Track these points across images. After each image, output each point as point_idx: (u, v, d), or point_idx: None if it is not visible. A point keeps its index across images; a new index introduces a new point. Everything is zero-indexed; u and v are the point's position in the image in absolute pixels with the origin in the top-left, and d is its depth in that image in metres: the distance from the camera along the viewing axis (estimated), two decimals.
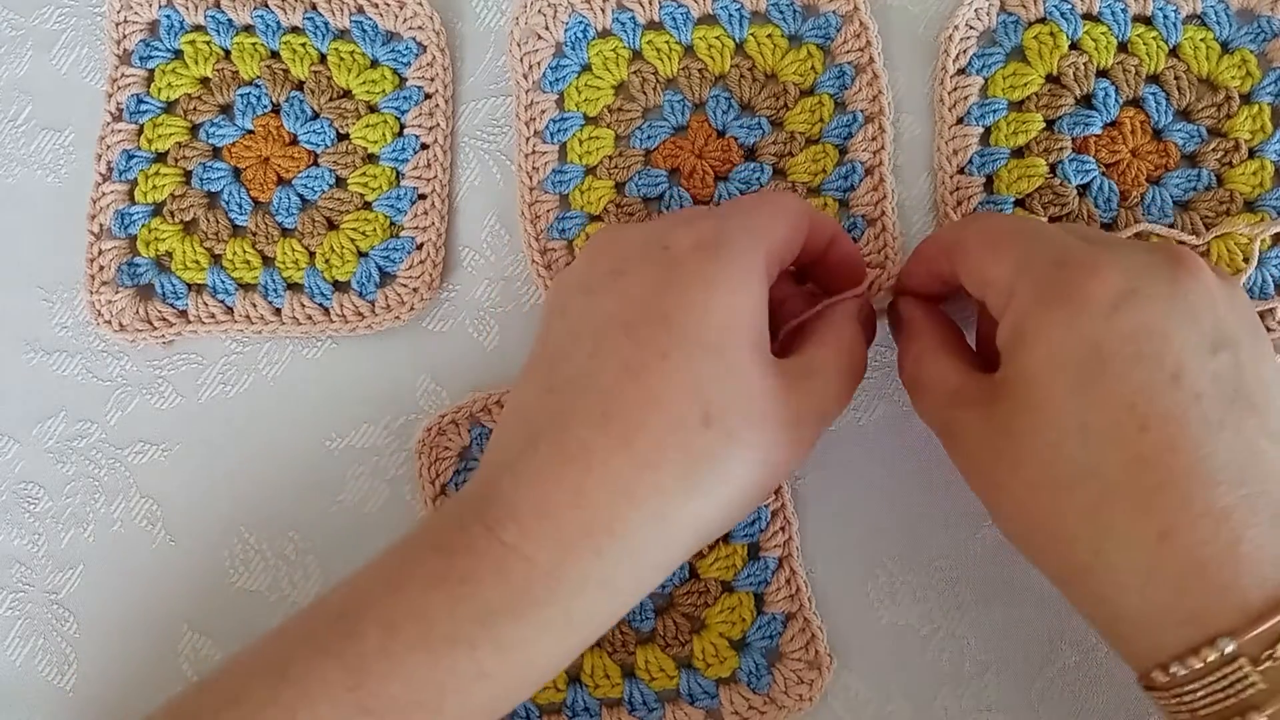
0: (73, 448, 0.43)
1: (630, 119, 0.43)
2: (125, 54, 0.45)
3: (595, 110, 0.43)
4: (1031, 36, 0.42)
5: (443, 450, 0.41)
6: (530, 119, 0.43)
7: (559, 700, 0.40)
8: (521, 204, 0.43)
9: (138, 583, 0.42)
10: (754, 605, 0.40)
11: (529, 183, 0.43)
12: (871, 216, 0.41)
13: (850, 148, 0.42)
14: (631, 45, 0.43)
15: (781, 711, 0.39)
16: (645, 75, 0.43)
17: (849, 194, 0.42)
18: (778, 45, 0.43)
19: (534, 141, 0.43)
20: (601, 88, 0.43)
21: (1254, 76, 0.41)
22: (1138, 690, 0.31)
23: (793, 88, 0.42)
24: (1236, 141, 0.41)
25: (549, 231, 0.43)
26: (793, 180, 0.42)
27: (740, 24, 0.43)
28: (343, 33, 0.45)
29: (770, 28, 0.43)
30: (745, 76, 0.43)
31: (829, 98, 0.42)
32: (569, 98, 0.43)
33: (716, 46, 0.43)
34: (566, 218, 0.43)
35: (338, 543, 0.42)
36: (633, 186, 0.42)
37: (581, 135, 0.43)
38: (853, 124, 0.42)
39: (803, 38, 0.43)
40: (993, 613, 0.40)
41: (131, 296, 0.43)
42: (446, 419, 0.41)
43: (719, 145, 0.42)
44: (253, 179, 0.44)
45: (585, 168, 0.43)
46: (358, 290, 0.43)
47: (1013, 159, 0.42)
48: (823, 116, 0.42)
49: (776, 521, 0.40)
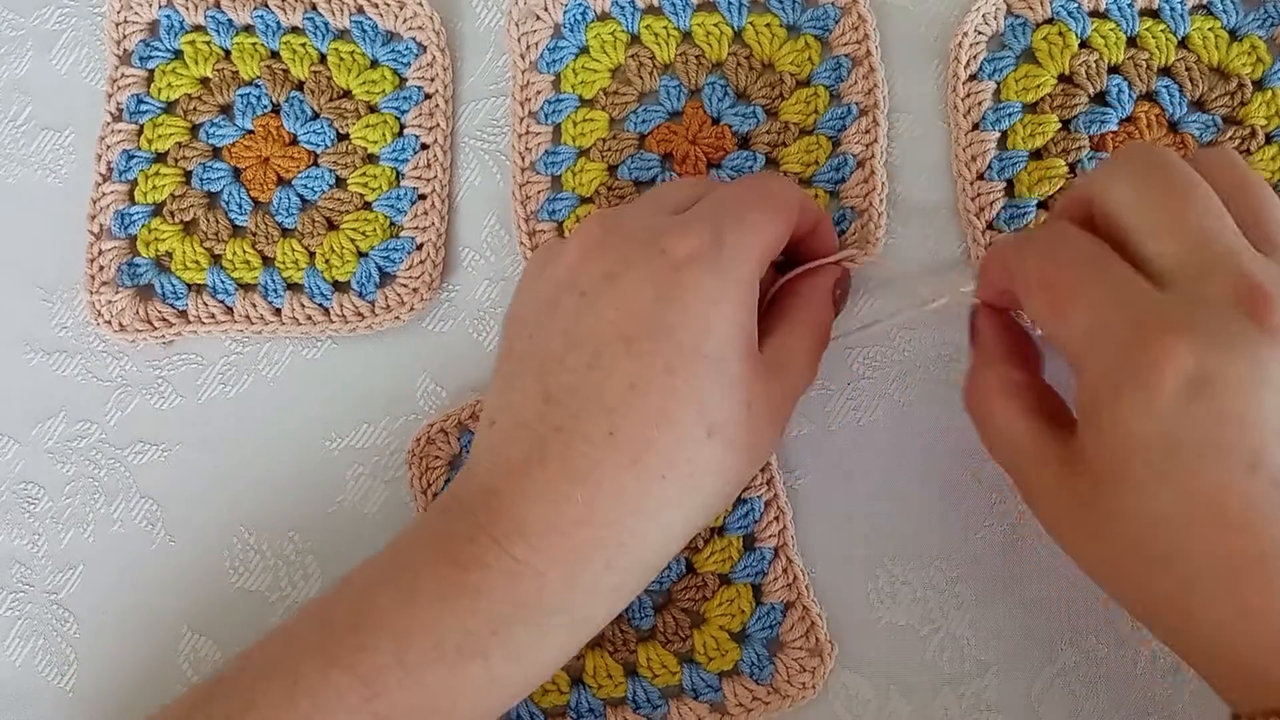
0: (73, 448, 0.43)
1: (625, 103, 0.43)
2: (125, 54, 0.45)
3: (591, 93, 0.43)
4: (1041, 37, 0.42)
5: (433, 459, 0.41)
6: (525, 99, 0.43)
7: (562, 703, 0.40)
8: (513, 184, 0.43)
9: (138, 583, 0.42)
10: (752, 596, 0.40)
11: (521, 163, 0.43)
12: (860, 208, 0.41)
13: (843, 140, 0.42)
14: (630, 29, 0.43)
15: (785, 701, 0.39)
16: (642, 60, 0.43)
17: (839, 185, 0.42)
18: (776, 35, 0.43)
19: (528, 122, 0.43)
20: (598, 70, 0.43)
21: (1265, 62, 0.41)
22: (1138, 690, 0.31)
23: (789, 78, 0.42)
24: (1253, 128, 0.41)
25: (539, 213, 0.43)
26: (785, 170, 0.42)
27: (739, 12, 0.43)
28: (343, 33, 0.45)
29: (769, 17, 0.43)
30: (742, 65, 0.43)
31: (824, 89, 0.42)
32: (565, 79, 0.43)
33: (714, 34, 0.43)
34: (557, 199, 0.43)
35: (338, 543, 0.42)
36: (625, 170, 0.43)
37: (576, 117, 0.43)
38: (846, 116, 0.42)
39: (801, 28, 0.43)
40: (993, 613, 0.40)
41: (131, 297, 0.43)
42: (435, 428, 0.41)
43: (713, 132, 0.42)
44: (253, 179, 0.44)
45: (578, 150, 0.43)
46: (358, 290, 0.43)
47: (1032, 161, 0.42)
48: (817, 108, 0.42)
49: (770, 512, 0.40)
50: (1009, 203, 0.41)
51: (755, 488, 0.40)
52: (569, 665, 0.39)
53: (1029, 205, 0.41)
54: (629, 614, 0.40)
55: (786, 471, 0.41)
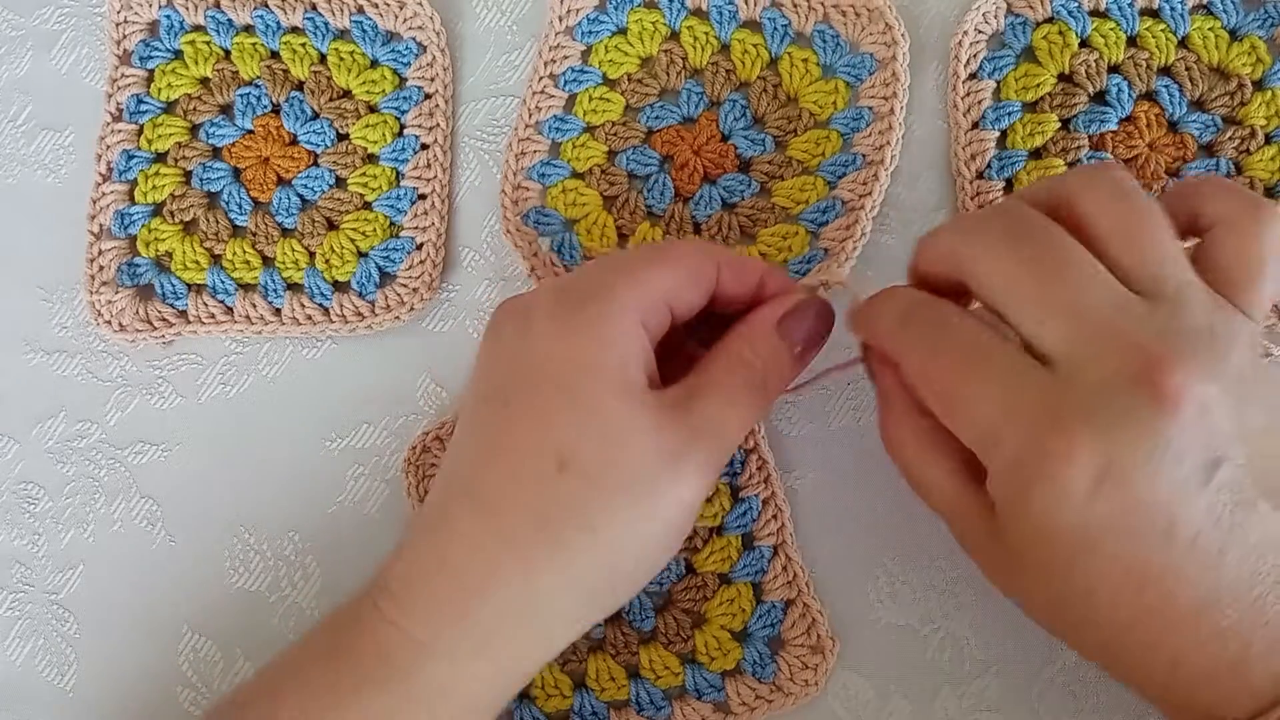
0: (73, 448, 0.43)
1: (646, 94, 0.43)
2: (125, 54, 0.45)
3: (616, 74, 0.43)
4: (1041, 36, 0.42)
5: (429, 467, 0.41)
6: (550, 60, 0.43)
7: (566, 707, 0.40)
8: (513, 136, 0.43)
9: (138, 583, 0.42)
10: (753, 595, 0.40)
11: (527, 119, 0.43)
12: (833, 250, 0.41)
13: (839, 185, 0.42)
14: (672, 25, 0.43)
15: (789, 699, 0.39)
16: (674, 58, 0.43)
17: (821, 227, 0.41)
18: (809, 72, 0.43)
19: (546, 82, 0.43)
20: (629, 55, 0.44)
21: (1265, 62, 0.41)
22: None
23: (808, 116, 0.42)
24: (1252, 129, 0.41)
25: (528, 170, 0.43)
26: (774, 202, 0.42)
27: (781, 40, 0.43)
28: (343, 33, 0.45)
29: (808, 52, 0.43)
30: (767, 92, 0.43)
31: (838, 135, 0.42)
32: (595, 53, 0.44)
33: (751, 54, 0.43)
34: (550, 164, 0.43)
35: (338, 543, 0.42)
36: (624, 159, 0.43)
37: (594, 93, 0.43)
38: (850, 165, 0.42)
39: (835, 71, 0.43)
40: (993, 613, 0.40)
41: (131, 296, 0.43)
42: (430, 435, 0.41)
43: (719, 149, 0.42)
44: (253, 179, 0.44)
45: (586, 124, 0.43)
46: (358, 290, 0.43)
47: (1031, 160, 0.42)
48: (825, 151, 0.42)
49: (768, 510, 0.40)
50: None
51: (752, 486, 0.40)
52: (571, 669, 0.39)
53: None
54: (630, 616, 0.40)
55: (786, 471, 0.41)
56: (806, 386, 0.38)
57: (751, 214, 0.42)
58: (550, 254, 0.42)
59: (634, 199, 0.42)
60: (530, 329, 0.33)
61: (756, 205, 0.42)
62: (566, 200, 0.43)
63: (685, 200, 0.42)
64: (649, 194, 0.42)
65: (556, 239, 0.42)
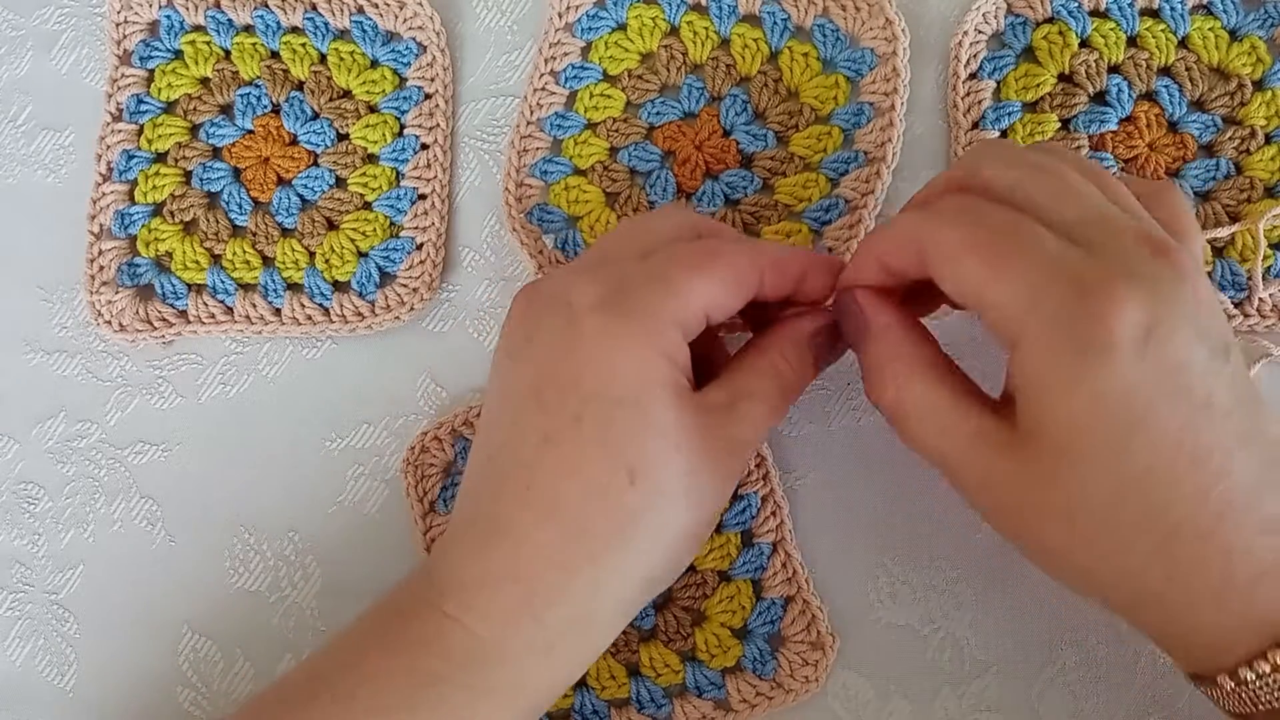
0: (73, 448, 0.43)
1: (646, 90, 0.43)
2: (125, 54, 0.45)
3: (616, 70, 0.43)
4: (1041, 37, 0.42)
5: (428, 467, 0.41)
6: (550, 57, 0.43)
7: (567, 706, 0.40)
8: (514, 134, 0.43)
9: (138, 583, 0.42)
10: (752, 592, 0.40)
11: (528, 116, 0.43)
12: (838, 250, 0.41)
13: (841, 183, 0.42)
14: (671, 20, 0.43)
15: (789, 695, 0.39)
16: (674, 53, 0.43)
17: (824, 226, 0.42)
18: (810, 66, 0.43)
19: (547, 79, 0.43)
20: (629, 51, 0.44)
21: (1265, 62, 0.41)
22: (1138, 690, 0.31)
23: (809, 111, 0.42)
24: (1252, 129, 0.41)
25: (530, 168, 0.43)
26: (776, 198, 0.42)
27: (781, 34, 0.43)
28: (343, 33, 0.45)
29: (808, 46, 0.43)
30: (768, 86, 0.43)
31: (839, 131, 0.42)
32: (595, 50, 0.44)
33: (751, 48, 0.43)
34: (552, 161, 0.43)
35: (338, 543, 0.42)
36: (626, 155, 0.43)
37: (595, 89, 0.43)
38: (851, 162, 0.42)
39: (836, 65, 0.43)
40: (993, 613, 0.40)
41: (131, 297, 0.43)
42: (429, 436, 0.41)
43: (720, 144, 0.42)
44: (253, 179, 0.44)
45: (587, 121, 0.43)
46: (358, 290, 0.43)
47: None
48: (827, 147, 0.42)
49: (767, 507, 0.40)
50: None
51: (751, 484, 0.40)
52: None
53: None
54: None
55: (786, 471, 0.41)
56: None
57: (755, 210, 0.42)
58: (555, 251, 0.42)
59: (636, 195, 0.42)
60: (579, 330, 0.32)
61: (759, 202, 0.42)
62: (569, 197, 0.43)
63: (688, 196, 0.42)
64: (651, 190, 0.42)
65: (560, 236, 0.42)
